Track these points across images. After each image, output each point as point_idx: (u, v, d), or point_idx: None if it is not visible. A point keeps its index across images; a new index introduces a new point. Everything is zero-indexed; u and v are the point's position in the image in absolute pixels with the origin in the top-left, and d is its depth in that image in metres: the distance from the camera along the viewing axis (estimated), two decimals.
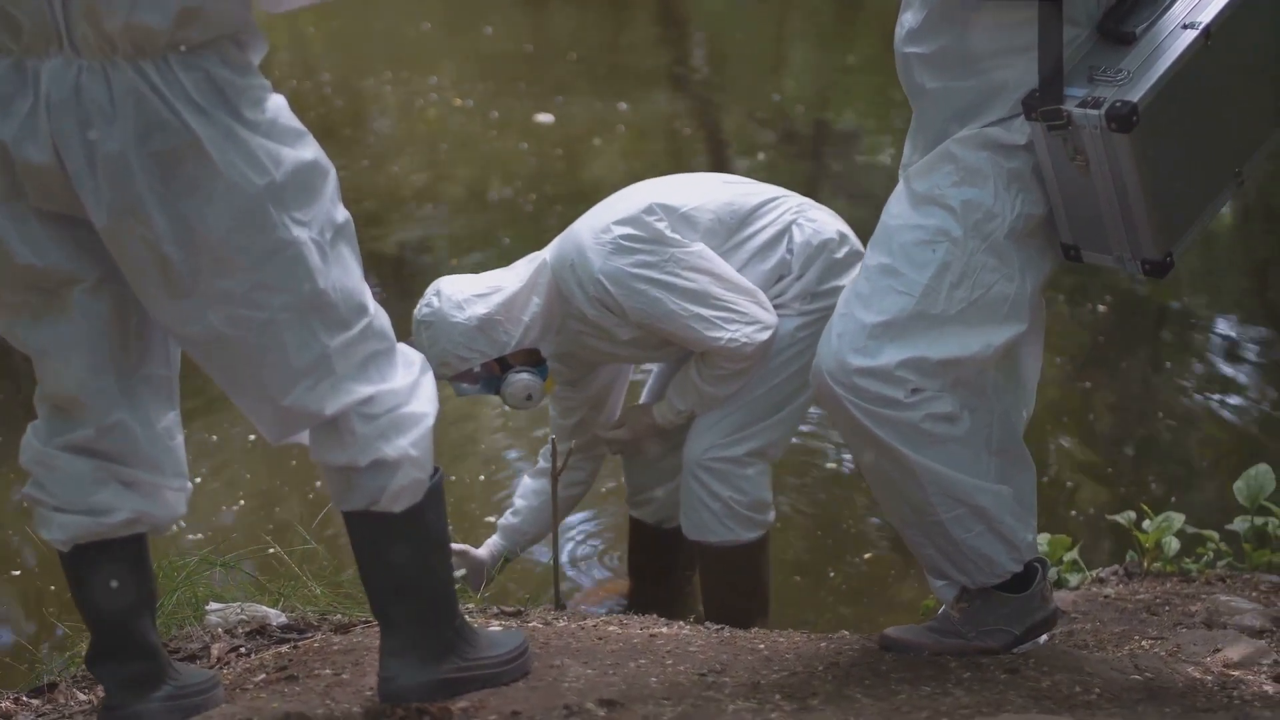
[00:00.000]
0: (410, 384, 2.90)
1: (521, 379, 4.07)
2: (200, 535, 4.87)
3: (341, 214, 2.85)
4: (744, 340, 3.97)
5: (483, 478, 5.43)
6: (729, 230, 4.06)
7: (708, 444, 4.09)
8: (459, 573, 4.25)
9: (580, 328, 4.07)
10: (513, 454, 5.56)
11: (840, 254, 4.12)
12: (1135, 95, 3.02)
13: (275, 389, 2.81)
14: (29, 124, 2.66)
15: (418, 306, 4.04)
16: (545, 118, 9.26)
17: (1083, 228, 3.19)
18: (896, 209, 3.26)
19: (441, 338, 4.00)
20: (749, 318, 3.98)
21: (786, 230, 4.12)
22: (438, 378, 3.90)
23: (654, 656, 3.24)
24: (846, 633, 3.66)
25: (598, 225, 3.99)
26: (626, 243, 3.92)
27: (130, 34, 2.61)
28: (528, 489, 4.48)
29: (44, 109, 2.64)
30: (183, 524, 4.78)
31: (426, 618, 2.97)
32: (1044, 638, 3.41)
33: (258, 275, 2.73)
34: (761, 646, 3.38)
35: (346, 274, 2.84)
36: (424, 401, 2.92)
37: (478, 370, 4.08)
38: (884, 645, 3.31)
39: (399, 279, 7.38)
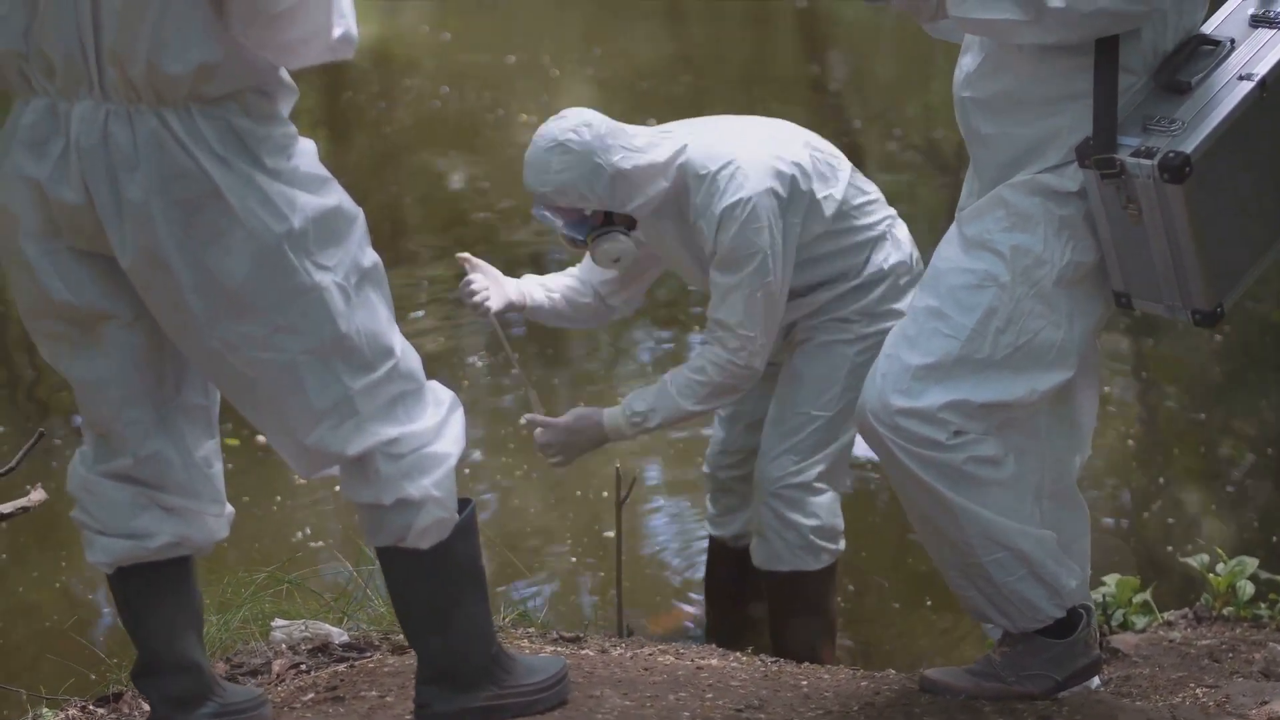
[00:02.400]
0: (437, 424, 2.96)
1: (621, 242, 4.01)
2: (269, 550, 4.99)
3: (369, 258, 2.92)
4: (744, 361, 3.95)
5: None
6: (840, 214, 4.07)
7: (780, 471, 4.10)
8: (473, 279, 4.21)
9: (670, 218, 4.07)
10: None
11: (905, 280, 4.12)
12: (1189, 146, 3.00)
13: (298, 429, 2.88)
14: (61, 165, 2.76)
15: (557, 127, 3.97)
16: None
17: (1134, 276, 3.18)
18: (947, 252, 3.27)
19: (574, 168, 3.94)
20: (761, 348, 3.98)
21: (878, 240, 4.13)
22: (539, 202, 3.99)
23: (695, 690, 3.28)
24: (892, 671, 3.66)
25: (753, 158, 3.97)
26: (766, 199, 3.92)
27: (152, 81, 2.70)
28: (568, 292, 4.40)
29: (74, 152, 2.74)
30: (256, 543, 4.89)
31: (459, 649, 3.03)
32: (1095, 682, 3.40)
33: (278, 319, 2.80)
34: (804, 682, 3.40)
35: (372, 317, 2.90)
36: (449, 442, 2.97)
37: (588, 214, 4.02)
38: (923, 687, 3.32)
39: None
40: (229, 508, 3.11)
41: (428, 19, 13.89)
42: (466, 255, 4.23)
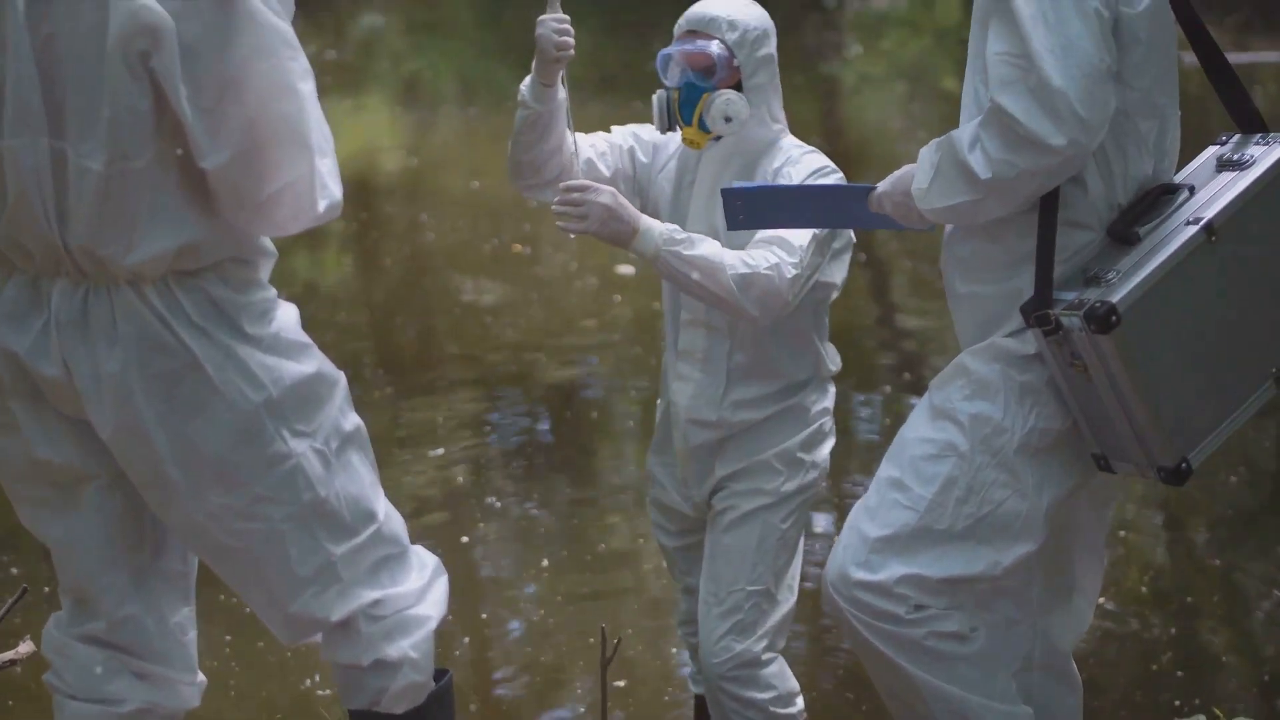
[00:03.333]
0: (421, 588, 2.98)
1: (739, 104, 3.80)
2: (276, 697, 4.92)
3: (351, 421, 2.93)
4: (785, 275, 3.66)
5: None
6: (819, 296, 3.94)
7: (726, 654, 3.93)
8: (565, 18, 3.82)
9: (733, 166, 3.90)
10: None
11: (827, 427, 4.02)
12: (1116, 295, 2.94)
13: (281, 596, 2.89)
14: (41, 340, 2.79)
15: None
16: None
17: (1101, 436, 3.11)
18: (913, 420, 3.23)
19: (758, 22, 3.86)
20: (797, 280, 3.70)
21: (821, 363, 4.03)
22: (690, 35, 3.84)
23: None
24: None
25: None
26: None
27: (128, 269, 2.73)
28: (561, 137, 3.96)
29: (54, 327, 2.77)
30: (263, 690, 4.83)
31: None
32: None
33: (257, 488, 2.81)
34: None
35: (354, 481, 2.91)
36: (431, 605, 2.98)
37: (718, 61, 3.82)
38: None
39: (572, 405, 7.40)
40: (201, 676, 3.09)
41: (385, 138, 13.99)
42: None
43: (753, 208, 3.43)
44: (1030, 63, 2.91)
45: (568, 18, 3.79)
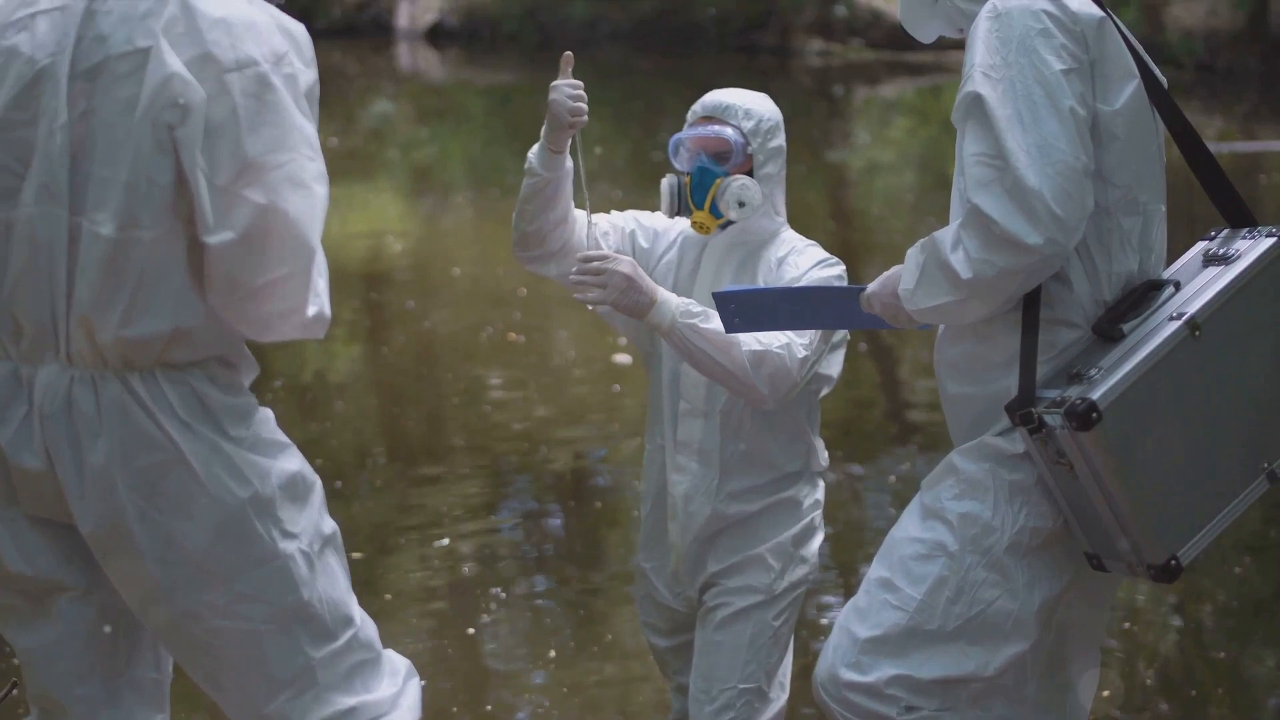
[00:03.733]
0: (394, 694, 2.97)
1: (753, 189, 3.83)
2: None
3: (329, 524, 2.93)
4: (795, 354, 3.69)
5: None
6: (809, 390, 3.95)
7: None
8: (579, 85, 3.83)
9: (735, 258, 3.93)
10: None
11: (817, 522, 4.03)
12: (1097, 392, 2.93)
13: (257, 697, 2.87)
14: (24, 431, 2.79)
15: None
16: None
17: (1092, 534, 3.09)
18: (904, 521, 3.22)
19: (771, 116, 3.91)
20: (805, 361, 3.73)
21: (812, 456, 4.03)
22: (709, 121, 3.86)
23: None
24: None
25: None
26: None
27: (121, 348, 2.73)
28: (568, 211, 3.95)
29: (37, 417, 2.76)
30: None
31: None
32: None
33: (240, 586, 2.80)
34: None
35: (333, 584, 2.90)
36: (405, 712, 2.96)
37: (734, 147, 3.85)
38: None
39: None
40: None
41: (394, 223, 14.05)
42: (570, 55, 3.88)
43: (747, 310, 3.44)
44: (1006, 163, 2.92)
45: (581, 84, 3.81)
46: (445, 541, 6.59)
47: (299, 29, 2.89)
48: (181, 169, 2.72)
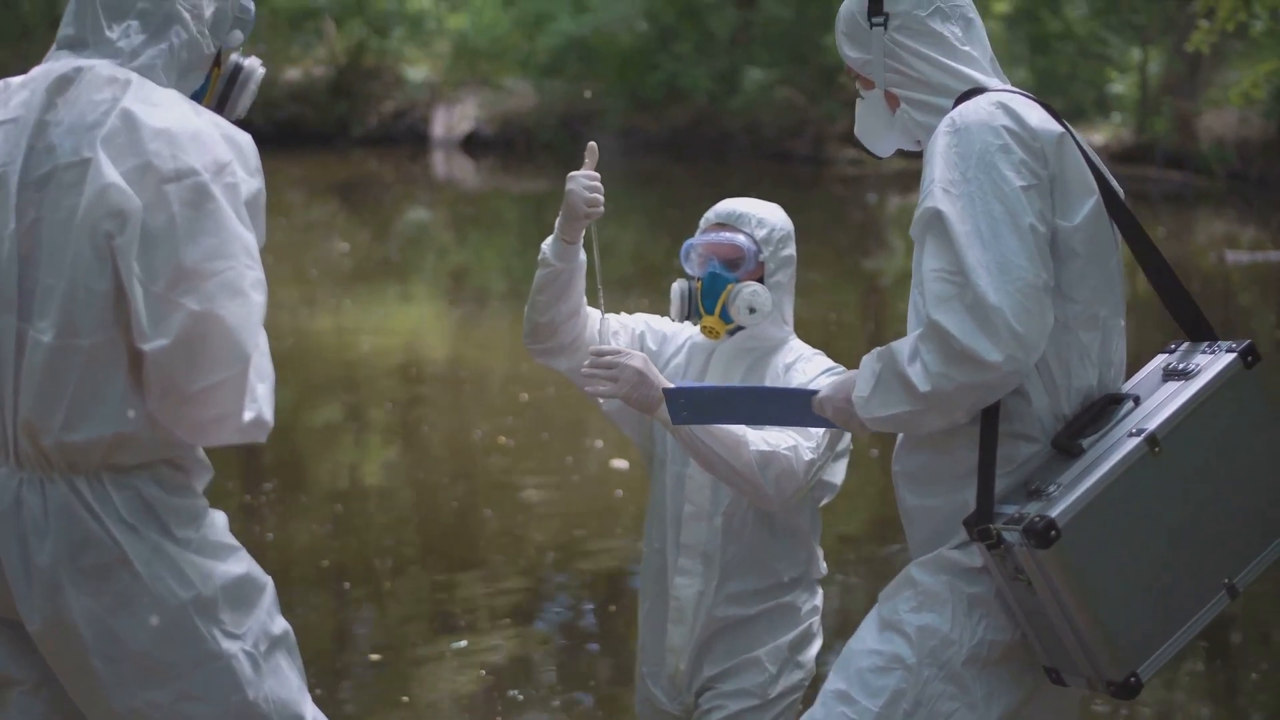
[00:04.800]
0: None
1: (764, 295, 3.84)
2: None
3: (279, 625, 2.95)
4: (803, 456, 3.70)
5: None
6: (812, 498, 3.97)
7: None
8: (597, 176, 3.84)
9: (742, 361, 3.95)
10: None
11: (816, 628, 4.02)
12: (1056, 510, 2.92)
13: None
14: None
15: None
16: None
17: (1050, 649, 3.07)
18: (862, 633, 3.20)
19: (781, 224, 3.93)
20: (814, 465, 3.74)
21: (814, 563, 4.04)
22: (719, 227, 3.88)
23: None
24: None
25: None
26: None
27: (64, 452, 2.77)
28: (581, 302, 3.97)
29: None
30: None
31: None
32: None
33: (185, 686, 2.82)
34: None
35: (282, 685, 2.92)
36: None
37: (746, 254, 3.88)
38: None
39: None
40: None
41: (429, 328, 14.11)
42: (594, 146, 3.93)
43: (697, 404, 3.45)
44: (966, 279, 2.93)
45: (599, 175, 3.84)
46: (464, 644, 6.58)
47: (245, 139, 2.95)
48: (120, 277, 2.77)
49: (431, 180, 26.37)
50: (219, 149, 2.86)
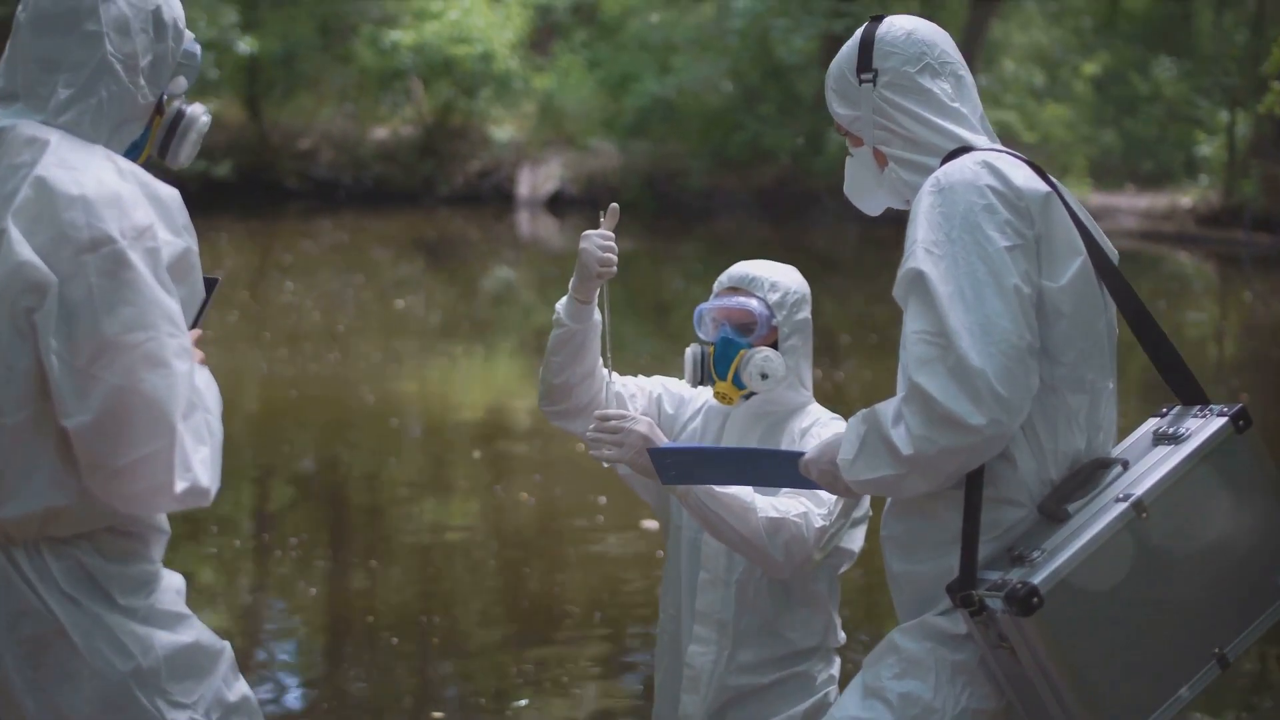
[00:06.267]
0: None
1: (777, 361, 3.79)
2: None
3: (236, 692, 2.92)
4: (813, 524, 3.64)
5: None
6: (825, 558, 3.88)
7: None
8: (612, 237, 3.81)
9: (760, 427, 3.90)
10: None
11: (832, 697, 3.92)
12: (1039, 576, 2.87)
13: None
14: None
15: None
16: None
17: (1036, 718, 3.00)
18: (844, 699, 3.16)
19: (799, 288, 3.89)
20: (824, 532, 3.68)
21: (832, 631, 3.98)
22: (733, 291, 3.86)
23: None
24: None
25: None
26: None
27: None
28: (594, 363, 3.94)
29: None
30: None
31: None
32: None
33: None
34: None
35: None
36: None
37: (759, 319, 3.83)
38: None
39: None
40: None
41: (515, 386, 14.04)
42: (616, 208, 3.89)
43: (683, 464, 3.42)
44: (948, 341, 2.89)
45: (613, 235, 3.82)
46: (523, 703, 6.54)
47: (170, 194, 2.88)
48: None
49: (516, 239, 26.48)
50: (138, 212, 2.78)
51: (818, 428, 3.83)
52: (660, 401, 4.06)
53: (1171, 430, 3.06)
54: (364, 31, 27.28)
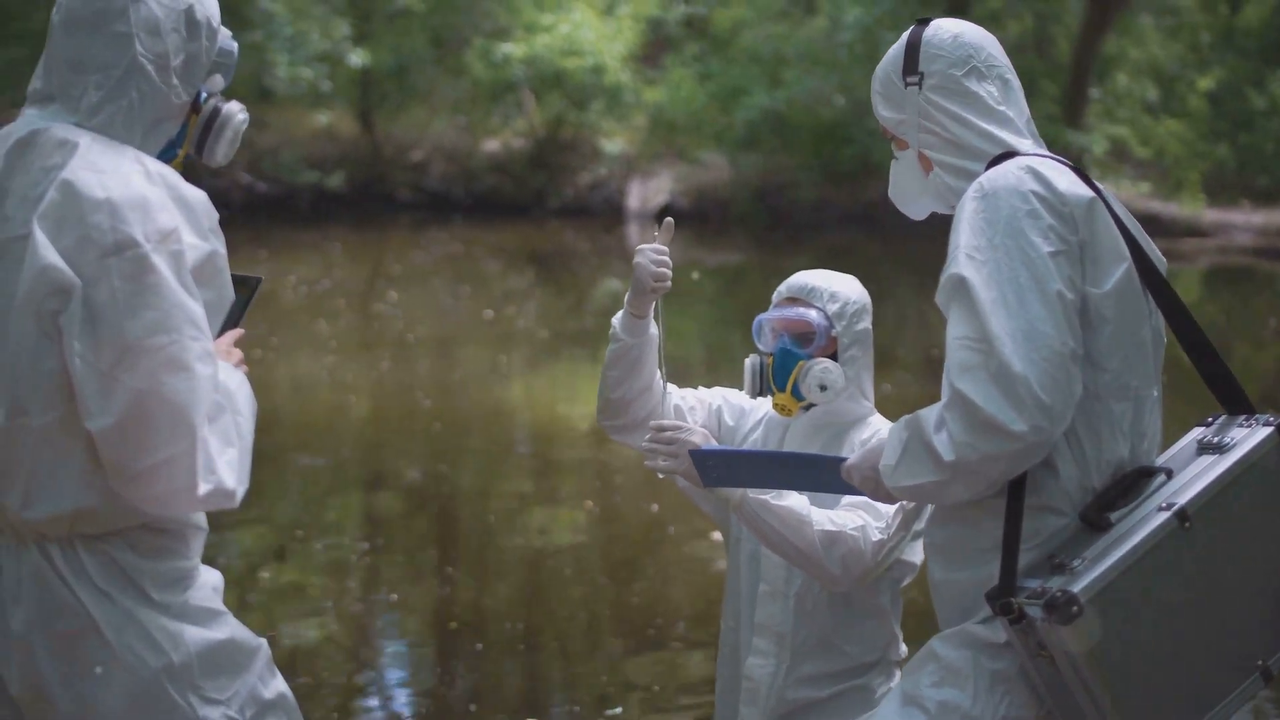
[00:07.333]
0: None
1: (836, 372, 3.78)
2: None
3: (273, 689, 2.93)
4: (873, 538, 3.63)
5: None
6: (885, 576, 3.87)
7: None
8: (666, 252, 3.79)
9: (821, 436, 3.89)
10: None
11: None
12: (1079, 585, 2.84)
13: None
14: None
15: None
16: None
17: None
18: (883, 708, 3.16)
19: (860, 298, 3.89)
20: (886, 545, 3.66)
21: (893, 646, 3.97)
22: (790, 303, 3.85)
23: None
24: None
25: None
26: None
27: (30, 524, 2.79)
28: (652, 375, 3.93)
29: None
30: None
31: None
32: None
33: None
34: None
35: None
36: None
37: (818, 329, 3.83)
38: None
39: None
40: None
41: (590, 398, 14.03)
42: (670, 222, 3.89)
43: (726, 467, 3.42)
44: (990, 347, 2.88)
45: (667, 249, 3.82)
46: (618, 710, 6.54)
47: (197, 198, 2.90)
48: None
49: (626, 252, 26.44)
50: (163, 216, 2.80)
51: (878, 440, 3.80)
52: (720, 413, 4.04)
53: (1216, 439, 3.02)
54: (476, 44, 27.41)
